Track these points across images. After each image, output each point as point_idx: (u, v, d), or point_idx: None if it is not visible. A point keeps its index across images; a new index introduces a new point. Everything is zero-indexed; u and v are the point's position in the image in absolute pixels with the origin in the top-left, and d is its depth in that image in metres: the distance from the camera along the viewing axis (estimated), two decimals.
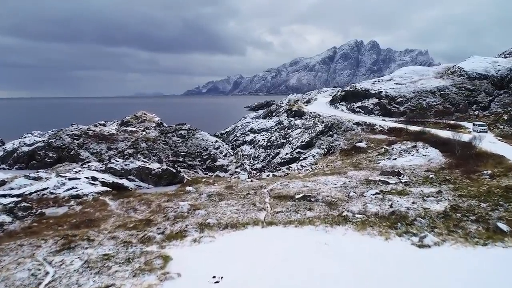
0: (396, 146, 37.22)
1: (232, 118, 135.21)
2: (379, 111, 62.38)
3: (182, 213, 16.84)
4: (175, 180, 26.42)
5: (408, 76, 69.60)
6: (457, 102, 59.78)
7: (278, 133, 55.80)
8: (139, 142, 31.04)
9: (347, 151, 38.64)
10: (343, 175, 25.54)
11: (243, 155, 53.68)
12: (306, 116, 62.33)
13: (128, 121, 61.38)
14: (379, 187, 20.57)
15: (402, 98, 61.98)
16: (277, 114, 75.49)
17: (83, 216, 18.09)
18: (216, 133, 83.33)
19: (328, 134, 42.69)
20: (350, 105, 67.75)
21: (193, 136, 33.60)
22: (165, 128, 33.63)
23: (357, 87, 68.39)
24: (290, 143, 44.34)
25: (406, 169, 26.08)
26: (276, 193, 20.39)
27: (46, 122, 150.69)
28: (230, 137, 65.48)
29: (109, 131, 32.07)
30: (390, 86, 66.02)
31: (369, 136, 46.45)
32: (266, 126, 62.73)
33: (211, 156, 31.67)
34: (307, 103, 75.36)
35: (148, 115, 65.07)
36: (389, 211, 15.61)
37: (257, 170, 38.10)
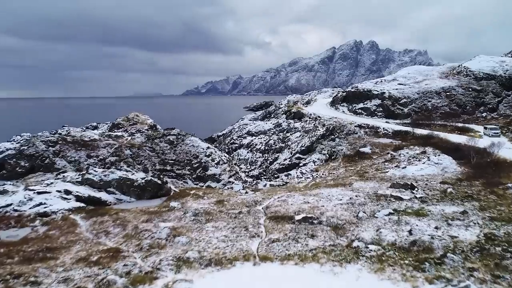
0: (403, 151, 34.47)
1: (230, 119, 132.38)
2: (382, 113, 59.63)
3: (160, 241, 14.04)
4: (160, 192, 23.63)
5: (411, 76, 66.90)
6: (463, 104, 57.10)
7: (276, 136, 53.02)
8: (123, 149, 28.26)
9: (350, 157, 35.87)
10: (348, 187, 22.76)
11: (240, 160, 50.89)
12: (306, 118, 59.56)
13: (119, 124, 58.50)
14: (392, 205, 17.81)
15: (406, 99, 59.26)
16: (276, 116, 72.73)
17: (44, 242, 15.27)
18: (212, 135, 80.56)
19: (330, 138, 39.94)
20: (351, 107, 64.98)
21: (183, 142, 30.78)
22: (152, 133, 30.83)
23: (359, 88, 65.66)
24: (289, 148, 41.57)
25: (419, 180, 23.32)
26: (273, 211, 17.61)
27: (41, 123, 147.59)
28: (227, 140, 62.68)
29: (91, 137, 29.29)
30: (393, 86, 63.30)
31: (373, 140, 43.72)
32: (264, 129, 59.95)
33: (202, 164, 28.89)
34: (306, 104, 72.60)
35: (140, 117, 62.22)
36: (409, 239, 12.85)
37: (253, 177, 35.34)
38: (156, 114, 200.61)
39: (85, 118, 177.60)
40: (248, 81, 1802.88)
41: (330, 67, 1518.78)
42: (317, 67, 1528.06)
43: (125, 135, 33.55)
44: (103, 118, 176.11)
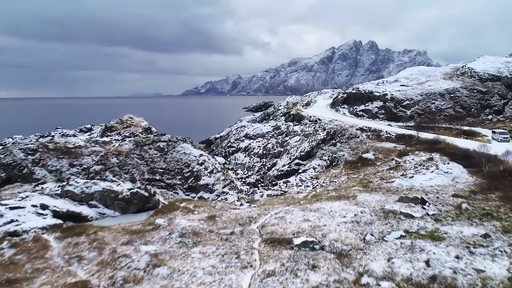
0: (409, 158, 32.61)
1: (229, 119, 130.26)
2: (384, 115, 57.80)
3: (137, 272, 12.13)
4: (147, 205, 21.69)
5: (414, 77, 65.06)
6: (468, 106, 55.28)
7: (275, 140, 51.11)
8: (109, 156, 26.26)
9: (352, 163, 33.98)
10: (352, 200, 20.85)
11: (237, 164, 48.97)
12: (306, 120, 57.67)
13: (112, 127, 56.61)
14: (402, 224, 15.91)
15: (409, 101, 57.42)
16: (275, 118, 70.88)
17: (7, 270, 13.33)
18: (210, 137, 78.65)
19: (331, 143, 38.05)
20: (352, 108, 63.14)
21: (174, 149, 28.76)
22: (141, 139, 28.72)
23: (360, 89, 63.79)
24: (288, 153, 39.66)
25: (429, 192, 21.43)
26: (269, 232, 15.69)
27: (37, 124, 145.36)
28: (224, 143, 60.78)
29: (75, 143, 27.28)
30: (396, 88, 61.46)
31: (375, 144, 41.85)
32: (262, 132, 58.06)
33: (194, 173, 26.85)
34: (306, 106, 70.71)
35: (134, 119, 60.32)
36: (427, 273, 10.96)
37: (250, 185, 33.39)
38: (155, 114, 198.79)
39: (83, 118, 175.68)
40: (248, 81, 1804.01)
41: (329, 67, 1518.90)
42: (317, 67, 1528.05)
43: (113, 141, 31.54)
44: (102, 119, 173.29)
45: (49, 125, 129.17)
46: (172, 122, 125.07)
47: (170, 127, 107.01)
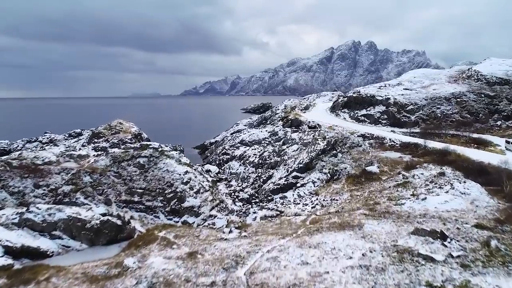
0: (417, 172, 29.70)
1: (226, 122, 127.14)
2: (386, 121, 54.94)
3: None
4: (120, 235, 18.70)
5: (418, 81, 62.21)
6: (476, 111, 52.44)
7: (271, 148, 48.15)
8: (82, 175, 23.23)
9: (355, 177, 31.02)
10: (358, 230, 17.88)
11: (231, 174, 46.00)
12: (304, 126, 54.73)
13: (100, 133, 53.53)
14: (422, 271, 12.94)
15: (413, 106, 54.54)
16: (272, 122, 67.96)
17: None
18: (205, 142, 75.64)
19: (331, 154, 35.10)
20: (353, 113, 60.26)
21: (155, 166, 25.70)
22: (120, 154, 25.59)
23: (361, 93, 60.89)
24: (285, 164, 36.68)
25: (447, 220, 18.49)
26: (258, 284, 12.69)
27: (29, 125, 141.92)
28: (219, 150, 57.81)
29: (45, 159, 24.22)
30: (399, 91, 58.59)
31: (379, 154, 38.95)
32: (259, 138, 55.09)
33: (178, 194, 23.83)
34: (305, 110, 67.76)
35: (124, 125, 57.27)
36: None
37: (243, 201, 30.43)
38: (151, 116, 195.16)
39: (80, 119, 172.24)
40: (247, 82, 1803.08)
41: (328, 68, 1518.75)
42: (316, 67, 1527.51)
43: (90, 155, 28.42)
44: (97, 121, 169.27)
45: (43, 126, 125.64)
46: (168, 125, 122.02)
47: (165, 131, 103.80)
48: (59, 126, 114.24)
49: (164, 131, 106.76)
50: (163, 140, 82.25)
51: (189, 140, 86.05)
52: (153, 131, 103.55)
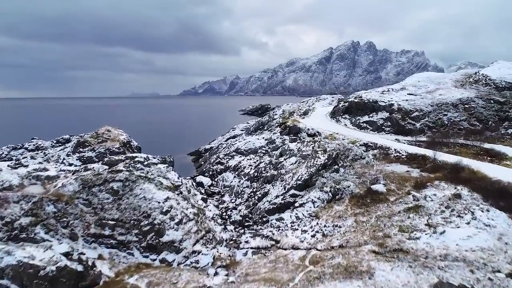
0: (429, 192, 26.64)
1: (223, 125, 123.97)
2: (390, 128, 51.86)
3: None
4: (82, 283, 15.54)
5: (422, 85, 59.18)
6: (485, 118, 49.40)
7: (268, 158, 45.04)
8: (44, 204, 19.94)
9: (359, 197, 27.90)
10: (367, 278, 14.79)
11: (225, 187, 42.87)
12: (303, 134, 51.65)
13: (85, 142, 50.26)
14: None
15: (418, 113, 51.48)
16: (269, 128, 64.84)
17: None
18: (199, 148, 72.49)
19: (333, 169, 31.99)
20: (355, 119, 57.17)
21: (131, 191, 22.39)
22: (91, 177, 22.29)
23: (363, 98, 57.81)
24: (282, 179, 33.57)
25: (473, 264, 15.42)
26: None
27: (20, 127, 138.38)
28: (213, 158, 54.66)
29: (6, 182, 20.99)
30: (403, 97, 55.53)
31: (384, 167, 35.87)
32: (255, 146, 52.00)
33: (156, 226, 20.55)
34: (304, 116, 64.66)
35: (112, 132, 54.03)
36: None
37: (235, 223, 27.35)
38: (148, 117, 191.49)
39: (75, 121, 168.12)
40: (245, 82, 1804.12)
41: (327, 68, 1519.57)
42: (315, 67, 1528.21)
43: (61, 176, 25.11)
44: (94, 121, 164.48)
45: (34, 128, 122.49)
46: (163, 128, 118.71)
47: (159, 135, 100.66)
48: (50, 130, 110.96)
49: (158, 135, 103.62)
50: (156, 146, 79.17)
51: (184, 144, 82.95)
52: (147, 135, 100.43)
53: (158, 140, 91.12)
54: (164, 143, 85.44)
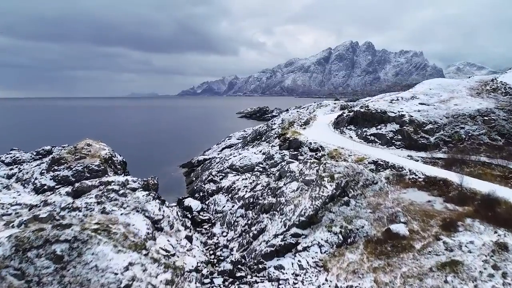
0: (463, 238, 21.54)
1: (220, 130, 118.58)
2: (401, 142, 46.83)
3: None
4: None
5: (435, 93, 54.17)
6: (508, 132, 44.40)
7: (266, 178, 39.92)
8: None
9: (377, 243, 22.78)
10: None
11: (216, 212, 37.72)
12: (305, 148, 46.59)
13: (61, 159, 44.88)
14: None
15: (432, 125, 46.45)
16: (268, 139, 59.73)
17: None
18: (192, 160, 67.22)
19: (342, 201, 26.90)
20: (361, 131, 52.13)
21: (80, 257, 16.92)
22: (27, 236, 16.89)
23: (370, 108, 52.75)
24: (282, 211, 28.42)
25: None
26: None
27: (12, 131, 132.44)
28: (205, 175, 49.46)
29: None
30: (414, 107, 50.50)
31: (401, 194, 30.80)
32: (251, 163, 46.87)
33: None
34: (304, 126, 59.57)
35: (93, 146, 48.73)
36: None
37: (224, 274, 22.25)
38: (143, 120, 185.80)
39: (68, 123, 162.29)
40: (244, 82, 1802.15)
41: (326, 68, 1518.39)
42: (313, 68, 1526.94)
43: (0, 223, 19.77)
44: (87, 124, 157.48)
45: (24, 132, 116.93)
46: (155, 134, 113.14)
47: (150, 142, 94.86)
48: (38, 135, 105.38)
49: (150, 141, 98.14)
50: (146, 156, 73.66)
51: (176, 153, 77.67)
52: (138, 143, 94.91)
53: (149, 149, 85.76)
54: (155, 152, 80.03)
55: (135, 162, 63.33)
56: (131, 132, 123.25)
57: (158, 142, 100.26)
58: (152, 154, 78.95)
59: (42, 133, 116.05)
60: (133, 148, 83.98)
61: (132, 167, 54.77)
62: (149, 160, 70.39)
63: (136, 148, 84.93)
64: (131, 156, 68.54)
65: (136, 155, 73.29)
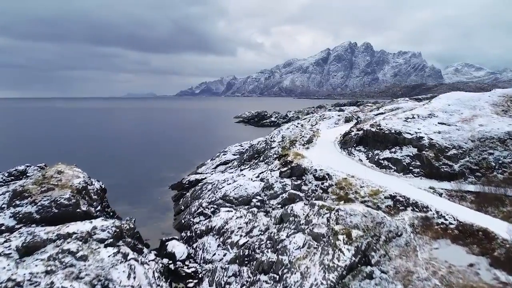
0: None
1: (216, 139, 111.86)
2: (420, 169, 40.73)
3: None
4: None
5: (454, 110, 48.09)
6: None
7: (265, 218, 33.65)
8: None
9: None
10: None
11: (205, 261, 31.42)
12: (309, 177, 40.41)
13: (24, 191, 38.36)
14: None
15: (456, 150, 40.34)
16: (266, 159, 53.50)
17: None
18: (183, 180, 60.79)
19: (365, 274, 20.66)
20: (372, 153, 46.00)
21: None
22: None
23: (382, 127, 46.60)
24: (285, 282, 22.14)
25: None
26: None
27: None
28: (194, 206, 43.17)
29: None
30: (433, 127, 44.39)
31: (433, 253, 24.64)
32: (248, 193, 40.66)
33: None
34: (307, 144, 53.34)
35: (65, 174, 42.15)
36: None
37: None
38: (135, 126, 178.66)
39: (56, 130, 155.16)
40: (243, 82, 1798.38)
41: (324, 69, 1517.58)
42: (312, 68, 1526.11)
43: None
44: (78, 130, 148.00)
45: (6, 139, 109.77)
46: (146, 146, 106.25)
47: (138, 156, 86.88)
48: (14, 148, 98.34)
49: (139, 153, 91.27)
50: (131, 177, 66.17)
51: (168, 168, 71.23)
52: (125, 155, 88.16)
53: (138, 163, 79.10)
54: (143, 169, 73.40)
55: (118, 185, 56.99)
56: (120, 142, 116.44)
57: (149, 153, 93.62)
58: (140, 170, 72.39)
59: (23, 143, 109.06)
60: (120, 163, 77.42)
61: (113, 193, 48.52)
62: (135, 180, 63.86)
63: (123, 163, 78.37)
64: (114, 177, 62.12)
65: (120, 174, 66.82)
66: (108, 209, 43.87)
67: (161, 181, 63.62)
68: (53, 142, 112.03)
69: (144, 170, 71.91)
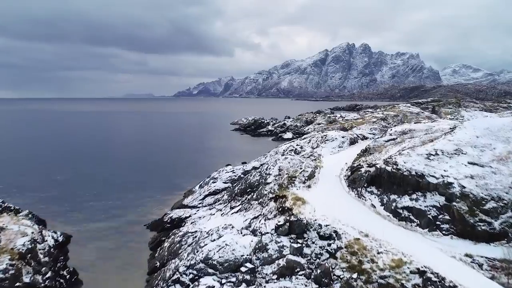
0: None
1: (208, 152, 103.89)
2: (450, 225, 32.71)
3: None
4: None
5: (485, 144, 40.13)
6: None
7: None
8: None
9: None
10: None
11: None
12: (312, 237, 32.33)
13: None
14: None
15: (495, 203, 32.34)
16: (260, 198, 45.32)
17: None
18: (164, 217, 52.33)
19: None
20: (388, 198, 37.96)
21: None
22: None
23: (400, 166, 38.54)
24: None
25: None
26: None
27: None
28: (170, 270, 34.88)
29: None
30: (463, 168, 36.37)
31: None
32: (235, 256, 32.47)
33: None
34: (308, 181, 45.24)
35: (8, 231, 33.64)
36: None
37: None
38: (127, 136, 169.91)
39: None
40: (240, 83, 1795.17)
41: (322, 70, 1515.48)
42: (310, 69, 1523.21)
43: None
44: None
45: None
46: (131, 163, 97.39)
47: (121, 178, 77.26)
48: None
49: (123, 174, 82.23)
50: (107, 206, 57.54)
51: (151, 194, 62.84)
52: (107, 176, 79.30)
53: (118, 187, 70.19)
54: (122, 195, 64.72)
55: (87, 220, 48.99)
56: (105, 155, 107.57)
57: (134, 171, 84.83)
58: (118, 196, 63.78)
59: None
60: (95, 186, 68.75)
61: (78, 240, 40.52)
62: (109, 212, 55.39)
63: (98, 186, 69.49)
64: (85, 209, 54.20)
65: (95, 202, 58.53)
66: (63, 271, 35.58)
67: (140, 215, 55.34)
68: (21, 155, 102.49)
69: (122, 196, 63.23)
